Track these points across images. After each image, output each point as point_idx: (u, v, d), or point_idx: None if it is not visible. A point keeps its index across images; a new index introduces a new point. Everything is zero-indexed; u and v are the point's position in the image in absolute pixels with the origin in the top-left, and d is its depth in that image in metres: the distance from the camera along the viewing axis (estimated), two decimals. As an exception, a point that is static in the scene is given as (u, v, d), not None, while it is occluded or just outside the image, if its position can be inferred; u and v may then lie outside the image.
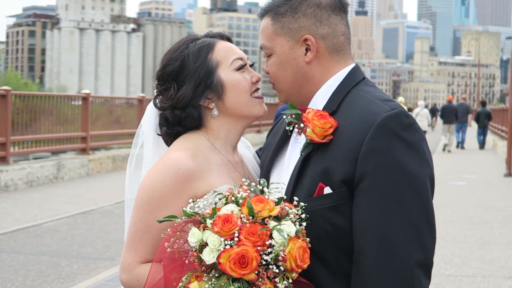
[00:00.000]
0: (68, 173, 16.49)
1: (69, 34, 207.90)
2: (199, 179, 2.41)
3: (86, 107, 18.52)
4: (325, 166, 2.23)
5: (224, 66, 2.53)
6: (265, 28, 2.44)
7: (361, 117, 2.23)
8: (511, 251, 9.82)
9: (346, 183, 2.19)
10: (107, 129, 20.20)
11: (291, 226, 2.11)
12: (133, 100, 23.09)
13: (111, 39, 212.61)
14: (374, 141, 2.17)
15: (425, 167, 2.20)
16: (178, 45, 2.60)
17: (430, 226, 2.18)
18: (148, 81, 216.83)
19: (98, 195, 14.32)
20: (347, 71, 2.42)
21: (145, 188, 2.41)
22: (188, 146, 2.48)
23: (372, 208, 2.15)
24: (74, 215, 11.94)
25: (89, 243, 9.83)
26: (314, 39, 2.37)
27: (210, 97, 2.53)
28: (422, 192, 2.18)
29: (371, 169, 2.16)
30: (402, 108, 2.23)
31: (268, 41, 2.43)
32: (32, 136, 16.36)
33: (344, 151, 2.21)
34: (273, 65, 2.43)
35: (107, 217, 11.83)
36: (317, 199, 2.22)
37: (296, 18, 2.39)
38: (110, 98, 22.06)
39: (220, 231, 2.08)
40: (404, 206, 2.14)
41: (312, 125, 2.27)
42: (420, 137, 2.22)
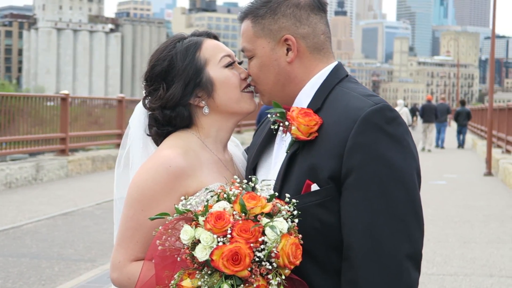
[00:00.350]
0: (47, 175, 16.37)
1: (46, 34, 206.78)
2: (190, 177, 2.40)
3: (65, 108, 18.38)
4: (312, 163, 2.24)
5: (212, 64, 2.53)
6: (246, 30, 2.45)
7: (345, 113, 2.25)
8: (492, 249, 9.87)
9: (333, 179, 2.20)
10: (86, 130, 20.07)
11: (283, 222, 2.11)
12: (112, 101, 22.98)
13: (89, 40, 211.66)
14: (359, 136, 2.18)
15: (410, 160, 2.22)
16: (166, 45, 2.59)
17: (417, 218, 2.20)
18: (127, 81, 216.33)
19: (78, 196, 14.22)
20: (329, 69, 2.44)
21: (136, 186, 2.40)
22: (179, 144, 2.47)
23: (359, 203, 2.17)
24: (54, 216, 11.84)
25: (69, 244, 9.76)
26: (294, 38, 2.39)
27: (200, 95, 2.52)
28: (408, 185, 2.19)
29: (357, 164, 2.17)
30: (386, 103, 2.25)
31: (249, 44, 2.44)
32: (9, 137, 16.20)
33: (330, 147, 2.22)
34: (255, 67, 2.44)
35: (87, 219, 11.75)
36: (305, 196, 2.23)
37: (276, 19, 2.40)
38: (89, 98, 21.91)
39: (213, 228, 2.08)
40: (391, 200, 2.16)
41: (297, 123, 2.28)
42: (404, 130, 2.23)
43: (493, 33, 22.00)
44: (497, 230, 11.34)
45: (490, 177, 19.58)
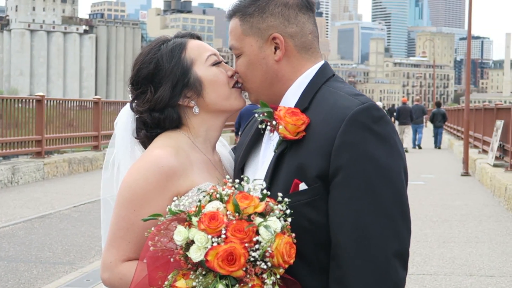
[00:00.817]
0: (23, 177, 16.23)
1: (19, 35, 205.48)
2: (181, 177, 2.38)
3: (40, 110, 18.23)
4: (300, 162, 2.25)
5: (199, 63, 2.52)
6: (234, 28, 2.46)
7: (332, 112, 2.26)
8: (471, 249, 9.93)
9: (321, 178, 2.21)
10: (62, 133, 19.90)
11: (276, 222, 2.11)
12: (88, 103, 22.83)
13: (63, 41, 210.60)
14: (346, 135, 2.19)
15: (397, 158, 2.23)
16: (150, 48, 2.58)
17: (404, 217, 2.21)
18: (102, 83, 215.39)
19: (54, 199, 14.11)
20: (316, 69, 2.44)
21: (128, 186, 2.38)
22: (170, 144, 2.46)
23: (347, 202, 2.17)
24: (30, 219, 11.73)
25: (47, 247, 9.67)
26: (282, 37, 2.40)
27: (189, 96, 2.51)
28: (396, 183, 2.20)
29: (344, 163, 2.18)
30: (373, 102, 2.27)
31: (237, 42, 2.44)
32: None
33: (318, 146, 2.23)
34: (242, 65, 2.44)
35: (65, 221, 11.65)
36: (293, 195, 2.23)
37: (264, 18, 2.41)
38: (65, 100, 21.71)
39: (207, 228, 2.07)
40: (378, 198, 2.17)
41: (284, 122, 2.29)
42: (391, 129, 2.25)
43: (469, 34, 22.12)
44: (475, 230, 11.41)
45: (467, 177, 19.70)
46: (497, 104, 21.47)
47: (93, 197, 14.33)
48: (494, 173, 16.10)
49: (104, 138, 22.25)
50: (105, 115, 22.92)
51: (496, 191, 15.24)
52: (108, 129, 22.90)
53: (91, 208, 13.07)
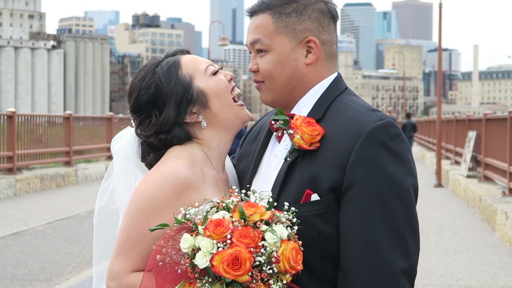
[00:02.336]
0: (-5, 194, 16.03)
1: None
2: (195, 190, 2.36)
3: (12, 126, 18.03)
4: (313, 173, 2.25)
5: (199, 76, 2.51)
6: (264, 24, 2.42)
7: (349, 126, 2.26)
8: (448, 259, 9.98)
9: (334, 190, 2.21)
10: (33, 148, 19.68)
11: (283, 229, 2.12)
12: (59, 118, 22.62)
13: (30, 57, 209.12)
14: (362, 150, 2.20)
15: (410, 177, 2.24)
16: (144, 73, 2.55)
17: (414, 235, 2.22)
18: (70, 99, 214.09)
19: (27, 215, 13.95)
20: (331, 80, 2.45)
21: (142, 195, 2.34)
22: (186, 155, 2.44)
23: (359, 216, 2.18)
24: (4, 236, 11.58)
25: (23, 264, 9.54)
26: (318, 42, 2.41)
27: (195, 111, 2.50)
28: (407, 201, 2.21)
29: (359, 178, 2.18)
30: (390, 119, 2.27)
31: (267, 38, 2.41)
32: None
33: (332, 158, 2.23)
34: (269, 63, 2.41)
35: (39, 238, 11.51)
36: (304, 206, 2.23)
37: (302, 20, 2.41)
38: (36, 116, 21.49)
39: (212, 234, 2.08)
40: (390, 214, 2.18)
41: (301, 131, 2.28)
42: (406, 147, 2.27)
43: (439, 46, 22.33)
44: (452, 240, 11.47)
45: (441, 188, 19.83)
46: (469, 115, 21.65)
47: (67, 213, 14.20)
48: (468, 184, 16.21)
49: (75, 153, 22.07)
50: (76, 130, 22.75)
51: (470, 202, 15.34)
52: (79, 144, 22.73)
53: (65, 224, 12.94)
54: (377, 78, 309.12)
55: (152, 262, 2.18)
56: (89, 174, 21.44)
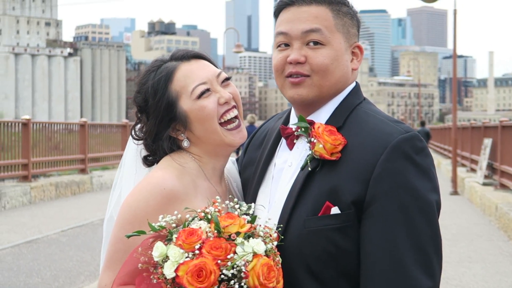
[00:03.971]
0: (10, 202, 16.05)
1: (3, 59, 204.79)
2: (184, 201, 2.28)
3: (26, 134, 18.07)
4: (333, 184, 2.16)
5: (184, 97, 2.40)
6: (324, 16, 2.32)
7: (372, 137, 2.18)
8: (464, 268, 9.86)
9: (355, 204, 2.13)
10: (48, 156, 19.72)
11: (260, 244, 2.04)
12: (75, 126, 22.68)
13: (47, 64, 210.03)
14: (387, 163, 2.12)
15: (434, 193, 2.18)
16: (144, 74, 2.50)
17: (438, 253, 2.15)
18: (87, 106, 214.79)
19: (42, 223, 13.93)
20: (351, 88, 2.38)
21: (128, 207, 2.29)
22: (175, 166, 2.37)
23: (382, 232, 2.10)
24: (18, 244, 11.56)
25: (36, 273, 9.51)
26: (363, 49, 2.37)
27: (179, 128, 2.42)
28: (432, 218, 2.14)
29: (383, 191, 2.11)
30: (415, 132, 2.19)
31: (328, 31, 2.31)
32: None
33: (355, 170, 2.15)
34: (327, 57, 2.29)
35: (53, 246, 11.50)
36: (323, 219, 2.15)
37: (353, 25, 2.37)
38: (51, 123, 21.55)
39: (183, 244, 2.02)
40: (414, 231, 2.09)
41: (323, 140, 2.20)
42: (431, 162, 2.19)
43: (454, 53, 22.19)
44: (467, 249, 11.34)
45: (456, 196, 19.68)
46: (484, 122, 21.50)
47: (81, 220, 14.18)
48: (484, 192, 16.07)
49: (90, 161, 22.10)
50: (91, 137, 22.77)
51: (486, 210, 15.20)
52: (95, 151, 22.74)
53: (78, 232, 12.92)
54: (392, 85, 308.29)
55: (124, 270, 2.15)
56: (104, 181, 21.44)
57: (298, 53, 2.29)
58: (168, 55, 2.52)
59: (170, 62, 2.47)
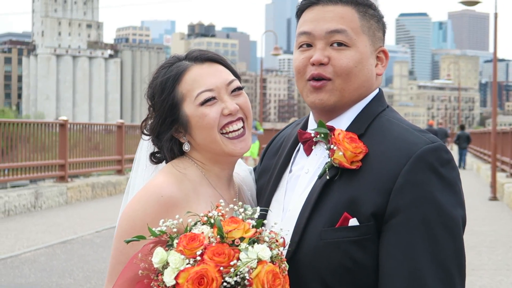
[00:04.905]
0: (46, 202, 16.16)
1: (45, 60, 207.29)
2: (184, 209, 2.19)
3: (64, 134, 18.21)
4: (352, 195, 2.05)
5: (188, 101, 2.31)
6: (350, 17, 2.22)
7: (396, 146, 2.07)
8: (501, 276, 9.66)
9: (375, 216, 2.02)
10: (86, 157, 19.87)
11: (265, 250, 1.94)
12: (112, 127, 22.84)
13: (88, 66, 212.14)
14: (411, 174, 2.01)
15: (459, 207, 2.06)
16: (157, 70, 2.42)
17: (461, 270, 2.04)
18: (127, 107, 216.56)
19: (77, 223, 14.00)
20: (374, 95, 2.27)
21: (127, 217, 2.23)
22: (174, 172, 2.29)
23: (403, 247, 1.99)
24: (52, 245, 11.61)
25: (68, 274, 9.52)
26: (388, 55, 2.27)
27: (181, 130, 2.34)
28: (456, 233, 2.02)
29: (406, 204, 1.99)
30: (441, 142, 2.08)
31: (353, 32, 2.20)
32: (10, 164, 16.03)
33: (376, 181, 2.04)
34: (352, 60, 2.19)
35: (87, 247, 11.52)
36: (340, 230, 2.04)
37: (379, 28, 2.27)
38: (88, 124, 21.73)
39: (184, 249, 1.93)
40: (438, 247, 1.98)
41: (343, 148, 2.09)
42: (457, 175, 2.08)
43: (495, 56, 21.91)
44: (505, 256, 11.12)
45: (495, 202, 19.37)
46: (525, 127, 21.16)
47: (115, 221, 14.15)
48: (524, 198, 15.80)
49: (127, 162, 22.19)
50: (128, 139, 22.89)
51: (525, 216, 14.95)
52: (132, 153, 22.83)
53: (113, 233, 12.69)
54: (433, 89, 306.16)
55: (123, 277, 2.08)
56: (140, 182, 21.47)
57: (321, 54, 2.19)
58: (185, 53, 2.45)
59: (183, 61, 2.38)
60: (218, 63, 2.40)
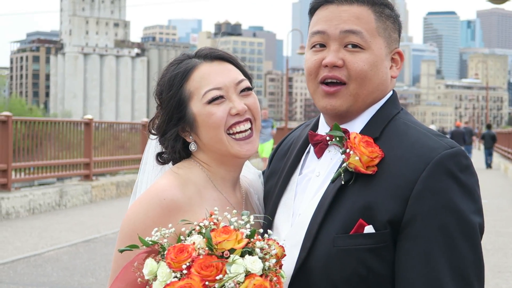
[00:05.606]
0: (71, 200, 16.21)
1: (73, 59, 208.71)
2: (187, 212, 2.13)
3: (88, 133, 18.28)
4: (368, 201, 1.97)
5: (196, 98, 2.25)
6: (366, 18, 2.13)
7: (414, 151, 1.99)
8: (529, 279, 9.51)
9: (392, 224, 1.94)
10: (111, 155, 19.92)
11: (256, 262, 1.85)
12: (138, 125, 22.90)
13: (115, 64, 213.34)
14: (429, 181, 1.93)
15: (478, 215, 1.98)
16: (166, 67, 2.38)
17: (480, 281, 1.97)
18: (153, 106, 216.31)
19: (101, 222, 14.02)
20: (387, 97, 2.19)
21: (128, 220, 2.18)
22: (177, 175, 2.23)
23: (421, 256, 1.91)
24: (75, 243, 11.63)
25: (91, 273, 9.52)
26: (403, 56, 2.19)
27: (188, 129, 2.28)
28: (475, 242, 1.95)
29: (424, 212, 1.92)
30: (460, 147, 2.00)
31: (369, 34, 2.12)
32: (34, 163, 16.11)
33: (393, 187, 1.96)
34: (367, 63, 2.11)
35: (110, 246, 11.51)
36: (355, 238, 1.97)
37: (395, 29, 2.19)
38: (113, 123, 21.79)
39: (171, 262, 1.86)
40: (456, 255, 1.92)
41: (359, 152, 2.01)
42: (476, 181, 2.01)
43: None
44: (532, 258, 10.96)
45: (523, 203, 19.15)
46: (553, 127, 20.90)
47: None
48: (551, 199, 15.59)
49: (152, 161, 22.18)
50: (153, 137, 22.88)
51: (553, 217, 14.74)
52: (156, 151, 22.85)
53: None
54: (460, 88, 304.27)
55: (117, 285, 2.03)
56: (164, 181, 21.50)
57: (335, 56, 2.11)
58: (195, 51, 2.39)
59: (193, 59, 2.33)
60: (228, 62, 2.33)
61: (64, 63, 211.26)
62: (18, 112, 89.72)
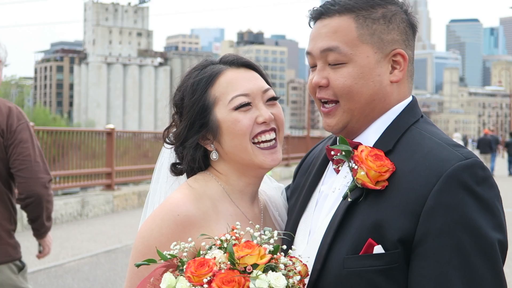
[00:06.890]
0: (93, 210, 16.22)
1: (96, 68, 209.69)
2: (202, 228, 2.06)
3: (110, 142, 18.29)
4: (377, 218, 1.86)
5: (221, 104, 2.17)
6: (345, 29, 2.03)
7: (426, 163, 1.86)
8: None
9: (403, 242, 1.82)
10: (134, 164, 19.92)
11: (280, 278, 1.78)
12: (160, 134, 22.87)
13: (138, 73, 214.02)
14: (442, 195, 1.81)
15: (498, 231, 1.84)
16: (188, 72, 2.29)
17: None
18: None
19: (122, 232, 14.00)
20: (405, 104, 2.06)
21: (142, 237, 2.11)
22: (192, 189, 2.15)
23: (435, 277, 1.80)
24: (97, 254, 11.62)
25: (111, 284, 9.49)
26: (406, 56, 2.03)
27: (209, 137, 2.19)
28: (494, 260, 1.82)
29: (437, 229, 1.80)
30: (477, 158, 1.86)
31: (348, 46, 2.01)
32: (59, 172, 16.13)
33: (403, 203, 1.84)
34: (349, 77, 2.00)
35: (131, 256, 11.47)
36: (364, 258, 1.86)
37: (390, 30, 2.04)
38: (136, 132, 21.83)
39: (191, 276, 1.81)
40: (473, 276, 1.79)
41: (366, 166, 1.90)
42: (495, 194, 1.86)
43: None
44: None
45: (547, 212, 18.90)
46: None
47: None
48: None
49: (174, 170, 22.19)
50: (175, 146, 22.90)
51: None
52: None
53: (158, 242, 12.86)
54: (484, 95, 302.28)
55: None
56: (186, 191, 21.47)
57: (319, 76, 2.05)
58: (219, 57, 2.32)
59: (218, 64, 2.26)
60: (254, 70, 2.27)
61: (87, 72, 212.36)
62: (42, 121, 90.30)
